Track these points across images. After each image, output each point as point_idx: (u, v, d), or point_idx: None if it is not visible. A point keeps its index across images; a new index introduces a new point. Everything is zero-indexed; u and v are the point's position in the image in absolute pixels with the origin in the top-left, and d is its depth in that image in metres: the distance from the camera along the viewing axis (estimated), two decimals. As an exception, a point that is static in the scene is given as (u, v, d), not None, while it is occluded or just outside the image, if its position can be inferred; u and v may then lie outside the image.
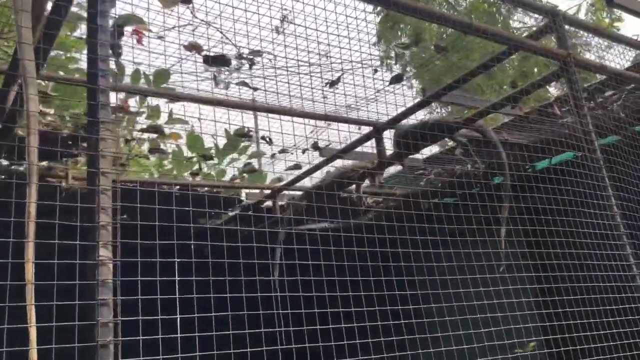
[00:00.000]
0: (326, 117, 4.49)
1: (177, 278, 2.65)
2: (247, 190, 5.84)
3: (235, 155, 5.68)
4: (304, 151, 4.94)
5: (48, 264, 1.95)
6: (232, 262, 3.05)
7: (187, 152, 5.16)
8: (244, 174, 5.41)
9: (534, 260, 3.94)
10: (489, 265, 3.39)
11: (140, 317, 2.12)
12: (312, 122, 4.44)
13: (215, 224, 5.70)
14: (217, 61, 3.31)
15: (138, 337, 2.05)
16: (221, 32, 2.99)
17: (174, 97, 3.96)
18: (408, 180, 5.88)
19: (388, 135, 4.62)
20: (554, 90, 6.46)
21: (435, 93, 4.06)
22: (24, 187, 1.73)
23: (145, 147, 5.15)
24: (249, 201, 5.66)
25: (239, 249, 3.24)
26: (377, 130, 4.53)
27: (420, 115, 4.41)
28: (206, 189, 5.19)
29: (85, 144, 4.26)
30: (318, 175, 5.12)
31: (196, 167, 5.70)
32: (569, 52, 3.54)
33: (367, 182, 4.84)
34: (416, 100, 4.22)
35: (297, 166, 5.17)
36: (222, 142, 5.09)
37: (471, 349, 3.14)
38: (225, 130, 5.31)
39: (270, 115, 4.16)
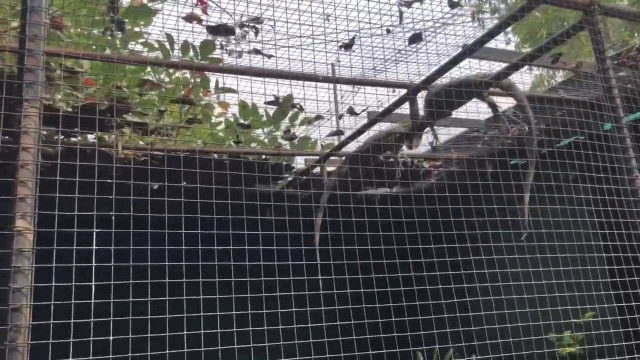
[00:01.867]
0: (360, 82, 4.38)
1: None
2: (306, 157, 5.87)
3: (286, 122, 5.72)
4: (340, 116, 4.87)
5: None
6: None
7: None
8: (293, 141, 5.44)
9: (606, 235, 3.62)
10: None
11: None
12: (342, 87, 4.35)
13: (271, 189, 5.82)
14: (220, 31, 3.32)
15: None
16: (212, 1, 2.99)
17: (199, 68, 4.04)
18: (464, 143, 5.62)
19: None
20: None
21: (467, 49, 3.80)
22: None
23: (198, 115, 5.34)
24: (301, 167, 5.71)
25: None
26: (412, 92, 4.34)
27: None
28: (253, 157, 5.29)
29: (125, 115, 4.49)
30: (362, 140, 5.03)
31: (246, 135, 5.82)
32: (591, -1, 3.13)
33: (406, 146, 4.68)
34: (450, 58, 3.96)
35: (339, 132, 5.11)
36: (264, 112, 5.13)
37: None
38: (276, 97, 5.35)
39: (294, 82, 4.14)
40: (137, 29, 5.30)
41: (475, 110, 4.75)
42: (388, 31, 3.55)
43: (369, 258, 3.54)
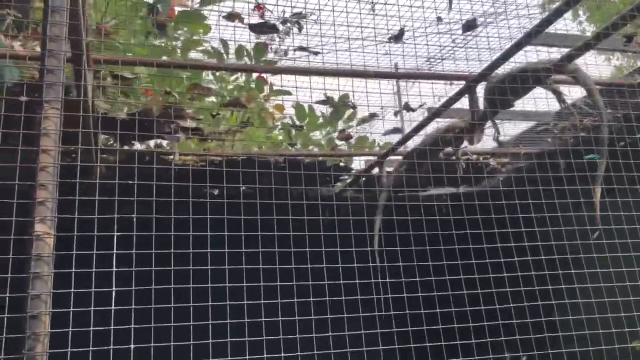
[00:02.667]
0: (414, 76, 4.17)
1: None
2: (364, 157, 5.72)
3: (343, 122, 5.59)
4: (396, 113, 4.67)
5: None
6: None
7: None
8: (349, 141, 5.30)
9: None
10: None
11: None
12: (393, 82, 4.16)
13: (330, 191, 5.70)
14: (263, 28, 3.23)
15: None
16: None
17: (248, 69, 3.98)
18: (533, 137, 5.28)
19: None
20: None
21: (527, 35, 3.52)
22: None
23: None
24: (357, 168, 5.55)
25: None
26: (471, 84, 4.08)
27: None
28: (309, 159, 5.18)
29: (179, 121, 4.50)
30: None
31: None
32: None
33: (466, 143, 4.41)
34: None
35: (397, 129, 4.92)
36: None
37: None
38: (330, 97, 5.23)
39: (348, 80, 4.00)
40: (195, 37, 5.35)
41: (543, 100, 4.43)
42: (439, 19, 3.34)
43: (435, 260, 3.35)
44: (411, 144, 4.92)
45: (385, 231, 3.81)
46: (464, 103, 4.40)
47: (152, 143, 4.89)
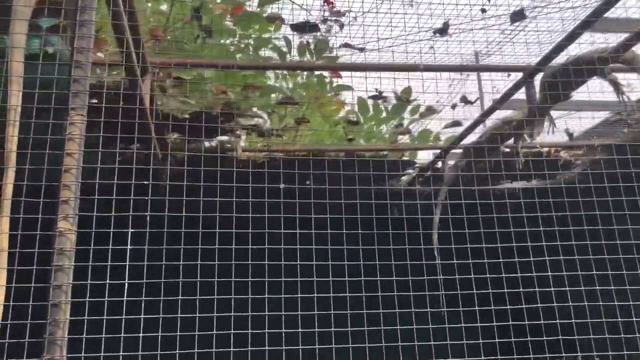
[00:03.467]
0: (468, 68, 4.08)
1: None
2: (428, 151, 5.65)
3: (409, 113, 5.54)
4: (453, 107, 4.58)
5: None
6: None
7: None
8: (412, 134, 5.26)
9: None
10: None
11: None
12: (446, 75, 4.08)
13: (393, 186, 5.68)
14: (305, 28, 3.29)
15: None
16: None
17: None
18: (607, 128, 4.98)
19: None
20: None
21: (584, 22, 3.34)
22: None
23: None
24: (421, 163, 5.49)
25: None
26: (528, 75, 3.92)
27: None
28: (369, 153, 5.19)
29: (238, 120, 4.67)
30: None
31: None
32: None
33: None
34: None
35: (456, 123, 4.81)
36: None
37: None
38: (395, 92, 5.21)
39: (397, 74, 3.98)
40: (265, 35, 5.52)
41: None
42: (483, 11, 3.24)
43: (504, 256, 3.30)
44: (473, 137, 4.81)
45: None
46: (522, 94, 4.24)
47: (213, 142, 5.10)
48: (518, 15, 3.31)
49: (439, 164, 5.39)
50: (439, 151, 5.26)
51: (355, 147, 5.21)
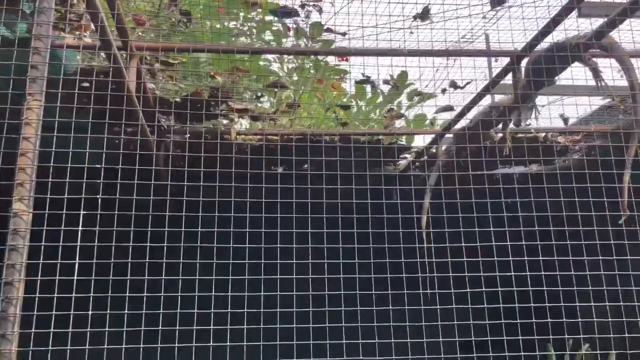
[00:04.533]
0: (454, 53, 4.04)
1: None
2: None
3: (404, 99, 5.54)
4: (443, 91, 4.55)
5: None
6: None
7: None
8: (403, 118, 5.25)
9: None
10: None
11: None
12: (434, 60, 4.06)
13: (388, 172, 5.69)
14: (284, 13, 3.31)
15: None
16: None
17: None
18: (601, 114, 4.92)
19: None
20: None
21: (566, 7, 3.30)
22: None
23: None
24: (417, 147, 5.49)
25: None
26: (515, 60, 3.89)
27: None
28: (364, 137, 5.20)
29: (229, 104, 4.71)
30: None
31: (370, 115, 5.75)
32: None
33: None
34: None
35: (448, 107, 4.79)
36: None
37: None
38: (391, 76, 5.20)
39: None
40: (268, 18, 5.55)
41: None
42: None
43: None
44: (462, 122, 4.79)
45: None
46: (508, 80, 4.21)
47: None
48: (498, 1, 3.28)
49: (434, 149, 5.38)
50: (432, 136, 5.26)
51: (348, 132, 5.22)
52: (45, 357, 2.22)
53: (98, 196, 2.24)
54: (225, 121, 4.91)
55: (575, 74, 3.77)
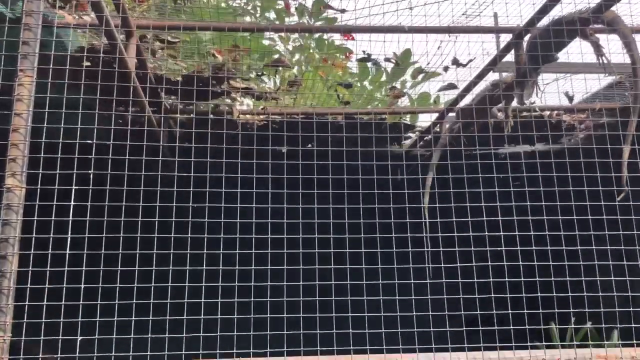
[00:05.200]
0: (456, 29, 4.00)
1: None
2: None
3: (407, 78, 5.50)
4: (445, 69, 4.51)
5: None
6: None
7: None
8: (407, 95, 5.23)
9: None
10: None
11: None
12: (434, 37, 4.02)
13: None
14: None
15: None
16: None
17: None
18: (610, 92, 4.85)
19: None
20: None
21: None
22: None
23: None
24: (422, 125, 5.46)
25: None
26: (516, 36, 3.84)
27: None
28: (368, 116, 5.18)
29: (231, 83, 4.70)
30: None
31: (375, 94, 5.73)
32: None
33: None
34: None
35: (451, 85, 4.75)
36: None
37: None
38: (394, 53, 5.16)
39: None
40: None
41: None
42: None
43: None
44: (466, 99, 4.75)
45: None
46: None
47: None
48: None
49: (438, 127, 5.35)
50: (436, 114, 5.22)
51: (352, 111, 5.20)
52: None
53: (90, 171, 2.25)
54: (227, 100, 4.90)
55: (577, 50, 3.73)
